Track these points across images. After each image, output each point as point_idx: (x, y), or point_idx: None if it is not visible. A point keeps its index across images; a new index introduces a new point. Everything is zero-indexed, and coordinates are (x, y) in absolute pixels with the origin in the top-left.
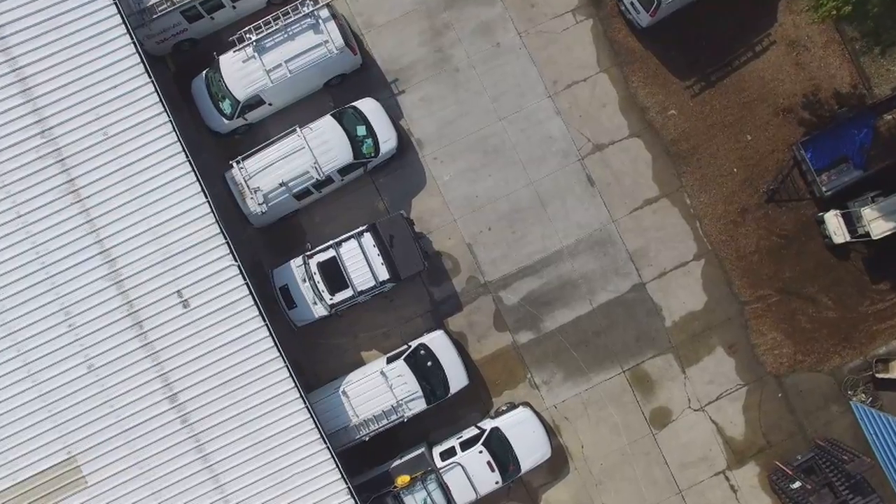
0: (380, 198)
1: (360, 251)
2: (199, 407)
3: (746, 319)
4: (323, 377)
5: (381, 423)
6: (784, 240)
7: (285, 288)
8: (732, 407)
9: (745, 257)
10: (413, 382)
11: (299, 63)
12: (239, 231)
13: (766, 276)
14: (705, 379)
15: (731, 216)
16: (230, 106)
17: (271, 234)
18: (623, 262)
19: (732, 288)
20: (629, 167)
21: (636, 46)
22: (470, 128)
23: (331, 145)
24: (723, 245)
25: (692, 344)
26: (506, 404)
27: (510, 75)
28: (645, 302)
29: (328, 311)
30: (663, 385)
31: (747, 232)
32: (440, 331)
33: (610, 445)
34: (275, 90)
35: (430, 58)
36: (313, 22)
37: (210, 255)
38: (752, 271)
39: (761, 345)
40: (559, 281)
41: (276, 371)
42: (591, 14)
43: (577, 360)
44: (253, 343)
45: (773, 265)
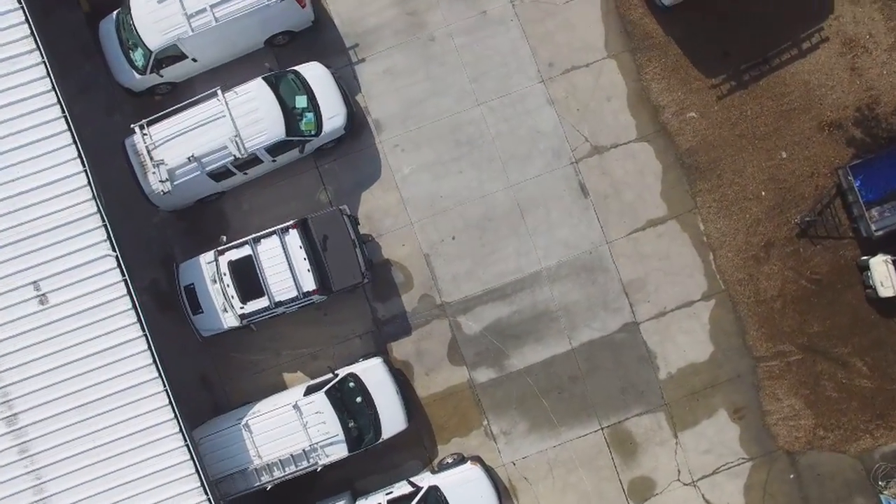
0: (323, 187)
1: (283, 252)
2: (44, 434)
3: (759, 379)
4: (234, 399)
5: (289, 469)
6: (815, 285)
7: (191, 288)
8: (732, 485)
9: (766, 303)
10: (334, 423)
11: (229, 9)
12: (148, 214)
13: (788, 329)
14: (702, 447)
15: (753, 250)
16: (142, 57)
17: (190, 221)
18: (615, 294)
19: (746, 339)
20: (633, 178)
21: (655, 29)
22: (442, 111)
23: (259, 116)
24: (739, 285)
25: (690, 403)
26: (452, 456)
27: (496, 51)
28: (637, 346)
29: (239, 322)
30: (649, 450)
31: (771, 272)
32: (379, 359)
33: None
34: (198, 42)
35: (399, 21)
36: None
37: (81, 241)
38: (771, 321)
39: (774, 412)
40: (533, 310)
41: (152, 396)
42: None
43: (547, 409)
44: (126, 357)
45: (799, 316)
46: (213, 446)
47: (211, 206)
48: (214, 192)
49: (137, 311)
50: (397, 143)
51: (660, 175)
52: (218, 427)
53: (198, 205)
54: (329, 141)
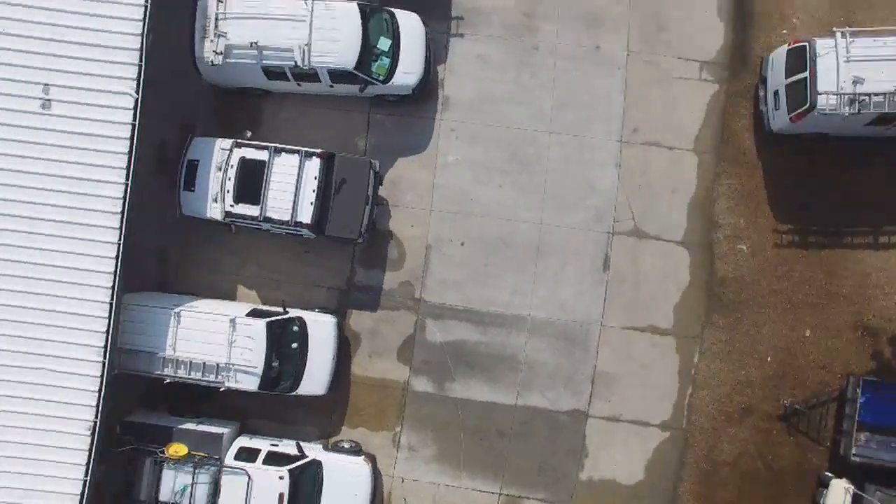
0: (365, 135)
1: (297, 174)
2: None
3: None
4: (182, 286)
5: (195, 375)
6: (769, 474)
7: (194, 164)
8: None
9: (716, 463)
10: (259, 354)
11: None
12: (190, 79)
13: (720, 500)
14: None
15: (731, 408)
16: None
17: (225, 103)
18: (582, 376)
19: (677, 488)
20: (658, 277)
21: (750, 148)
22: (512, 120)
23: (337, 37)
24: (700, 433)
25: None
26: (350, 442)
27: (590, 91)
28: (575, 436)
29: (222, 217)
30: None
31: (736, 437)
32: (334, 319)
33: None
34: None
35: (512, 16)
36: None
37: (111, 68)
38: (710, 483)
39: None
40: (500, 350)
41: (105, 230)
42: (721, 78)
43: (461, 448)
44: (101, 183)
45: (738, 493)
46: (136, 317)
47: (251, 99)
48: (261, 87)
49: (132, 154)
50: (455, 129)
51: (683, 287)
52: (151, 302)
53: (240, 91)
54: (393, 94)
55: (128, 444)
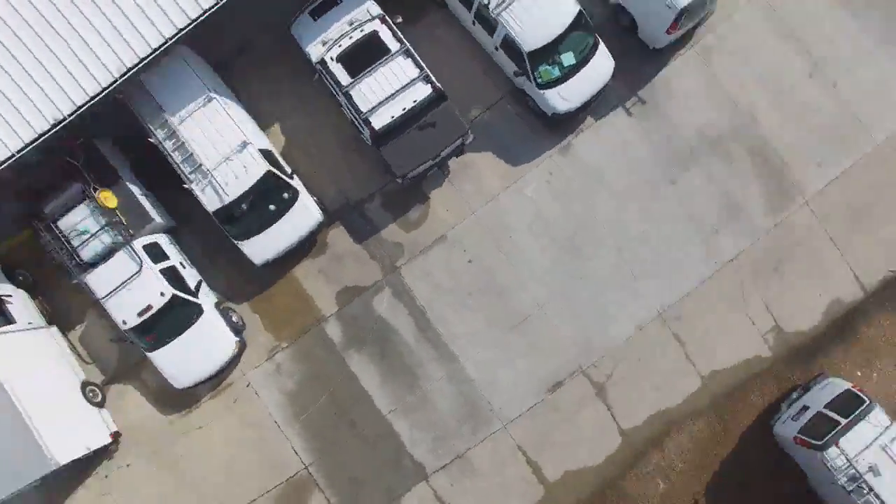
0: (485, 110)
1: (403, 84)
2: None
3: None
4: (234, 78)
5: (176, 156)
6: None
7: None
8: None
9: None
10: (239, 188)
11: None
12: None
13: None
14: None
15: None
16: None
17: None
18: (453, 447)
19: None
20: (587, 430)
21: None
22: (600, 211)
23: (538, 15)
24: None
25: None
26: (239, 319)
27: (681, 250)
28: (401, 480)
29: (315, 60)
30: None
31: None
32: (320, 218)
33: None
34: None
35: (698, 140)
36: None
37: None
38: None
39: None
40: (414, 366)
41: None
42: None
43: (313, 406)
44: None
45: None
46: (175, 69)
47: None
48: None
49: None
50: (551, 176)
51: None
52: (199, 69)
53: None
54: (535, 104)
55: (76, 158)
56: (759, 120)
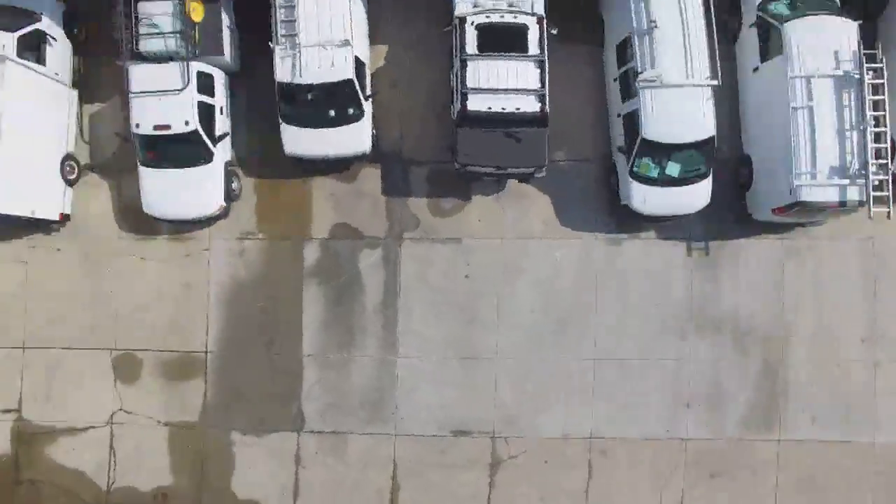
0: (574, 157)
1: (515, 83)
2: None
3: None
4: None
5: None
6: None
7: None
8: None
9: None
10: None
11: None
12: None
13: None
14: None
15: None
16: None
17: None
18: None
19: None
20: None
21: None
22: (647, 322)
23: (679, 111)
24: None
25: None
26: (235, 177)
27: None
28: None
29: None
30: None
31: None
32: (367, 148)
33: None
34: None
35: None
36: None
37: None
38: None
39: None
40: (361, 331)
41: None
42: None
43: (262, 319)
44: None
45: None
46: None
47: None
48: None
49: None
50: (589, 254)
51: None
52: None
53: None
54: (617, 185)
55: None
56: (792, 343)
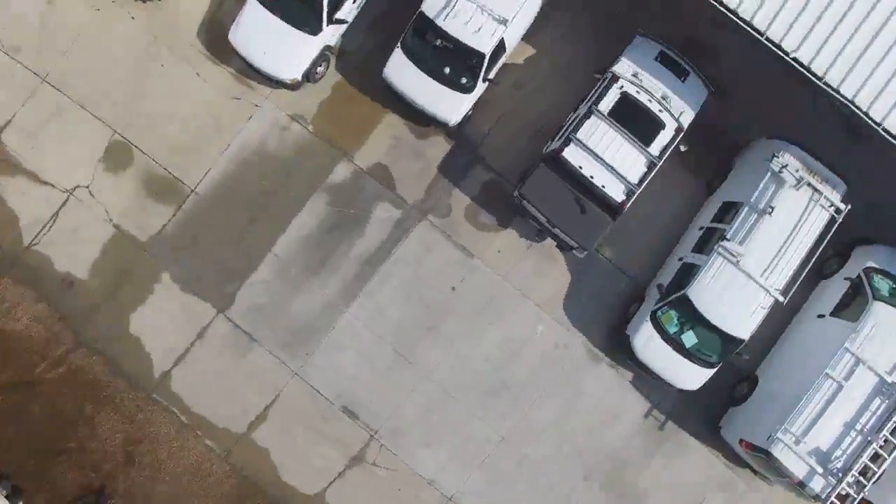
0: (616, 263)
1: (617, 162)
2: None
3: None
4: None
5: None
6: None
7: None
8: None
9: None
10: None
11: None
12: None
13: None
14: None
15: None
16: None
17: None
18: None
19: None
20: None
21: None
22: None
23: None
24: None
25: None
26: (326, 62)
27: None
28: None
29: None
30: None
31: None
32: (454, 121)
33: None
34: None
35: None
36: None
37: None
38: None
39: None
40: (311, 317)
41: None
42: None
43: (258, 197)
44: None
45: None
46: None
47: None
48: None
49: None
50: (568, 349)
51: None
52: None
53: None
54: (630, 314)
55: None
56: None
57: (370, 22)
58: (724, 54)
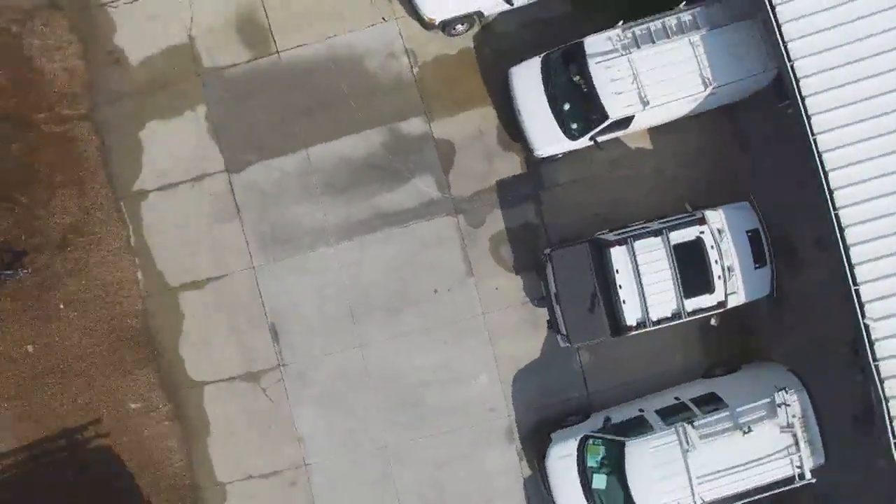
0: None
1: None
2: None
3: None
4: None
5: None
6: None
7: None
8: None
9: None
10: None
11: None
12: None
13: None
14: None
15: None
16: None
17: None
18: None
19: None
20: None
21: None
22: None
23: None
24: None
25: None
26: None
27: None
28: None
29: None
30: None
31: None
32: (542, 152)
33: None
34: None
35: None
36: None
37: None
38: None
39: None
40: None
41: None
42: None
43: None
44: None
45: None
46: None
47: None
48: None
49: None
50: (494, 409)
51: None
52: None
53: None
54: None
55: None
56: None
57: (536, 19)
58: (807, 275)
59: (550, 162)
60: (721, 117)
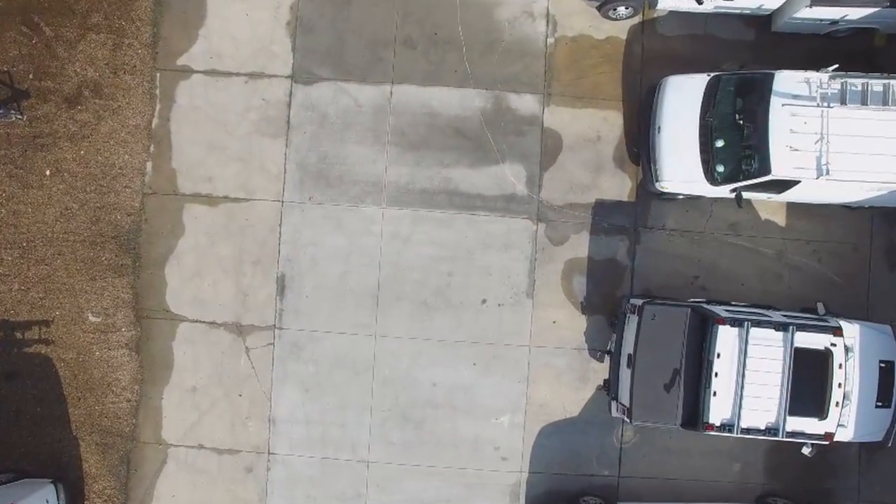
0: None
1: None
2: None
3: None
4: None
5: None
6: None
7: None
8: None
9: None
10: None
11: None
12: None
13: None
14: None
15: None
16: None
17: None
18: None
19: None
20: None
21: None
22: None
23: None
24: None
25: None
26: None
27: None
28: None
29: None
30: None
31: None
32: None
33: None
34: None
35: None
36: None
37: None
38: None
39: None
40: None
41: None
42: None
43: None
44: None
45: None
46: None
47: None
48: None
49: None
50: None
51: None
52: None
53: None
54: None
55: None
56: None
57: (710, 35)
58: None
59: (666, 200)
60: (881, 221)
